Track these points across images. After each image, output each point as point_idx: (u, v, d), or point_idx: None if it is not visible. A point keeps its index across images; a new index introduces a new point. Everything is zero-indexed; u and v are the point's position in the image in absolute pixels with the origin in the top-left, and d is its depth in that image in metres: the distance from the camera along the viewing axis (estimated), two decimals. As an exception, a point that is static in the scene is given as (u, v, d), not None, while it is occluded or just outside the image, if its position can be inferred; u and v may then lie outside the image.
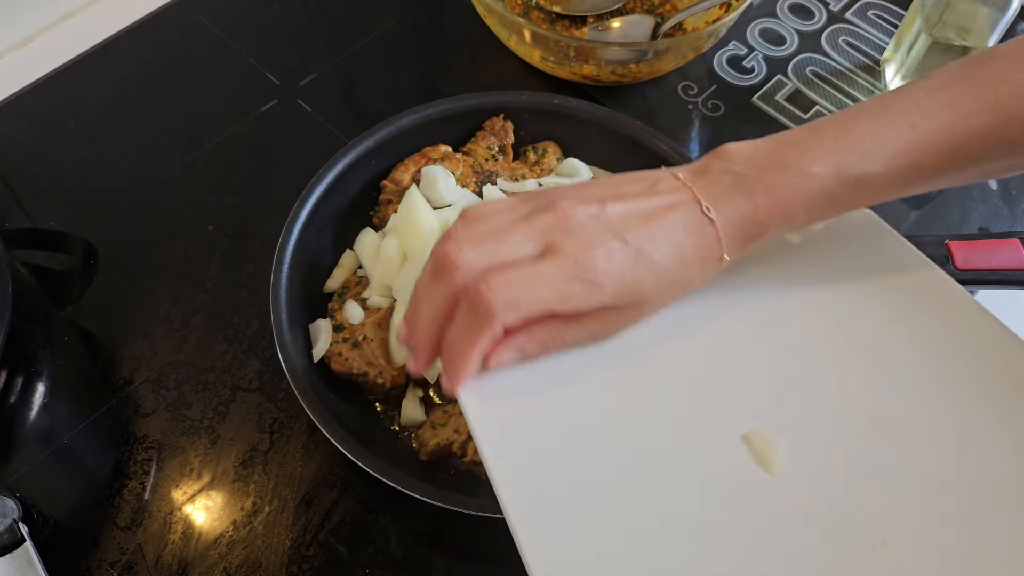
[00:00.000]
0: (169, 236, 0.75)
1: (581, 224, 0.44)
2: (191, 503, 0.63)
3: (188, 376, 0.68)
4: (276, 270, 0.65)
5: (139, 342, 0.70)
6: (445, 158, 0.73)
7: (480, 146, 0.75)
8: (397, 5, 0.92)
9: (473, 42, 0.88)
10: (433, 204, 0.69)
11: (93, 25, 0.89)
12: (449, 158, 0.73)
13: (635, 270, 0.44)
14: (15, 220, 0.76)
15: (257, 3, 0.91)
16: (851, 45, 0.91)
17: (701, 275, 0.47)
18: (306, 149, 0.81)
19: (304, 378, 0.62)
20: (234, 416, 0.67)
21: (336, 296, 0.69)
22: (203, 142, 0.81)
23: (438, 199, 0.69)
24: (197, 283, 0.73)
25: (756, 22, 0.93)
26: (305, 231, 0.68)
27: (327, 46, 0.89)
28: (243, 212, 0.77)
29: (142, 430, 0.66)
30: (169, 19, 0.90)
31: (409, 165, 0.73)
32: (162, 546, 0.61)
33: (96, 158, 0.80)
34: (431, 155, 0.73)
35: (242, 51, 0.87)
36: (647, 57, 0.78)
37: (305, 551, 0.62)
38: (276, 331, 0.63)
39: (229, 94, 0.85)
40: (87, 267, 0.74)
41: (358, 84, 0.87)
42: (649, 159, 0.72)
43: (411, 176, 0.72)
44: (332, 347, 0.65)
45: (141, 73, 0.86)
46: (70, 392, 0.68)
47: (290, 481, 0.64)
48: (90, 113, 0.83)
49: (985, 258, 0.65)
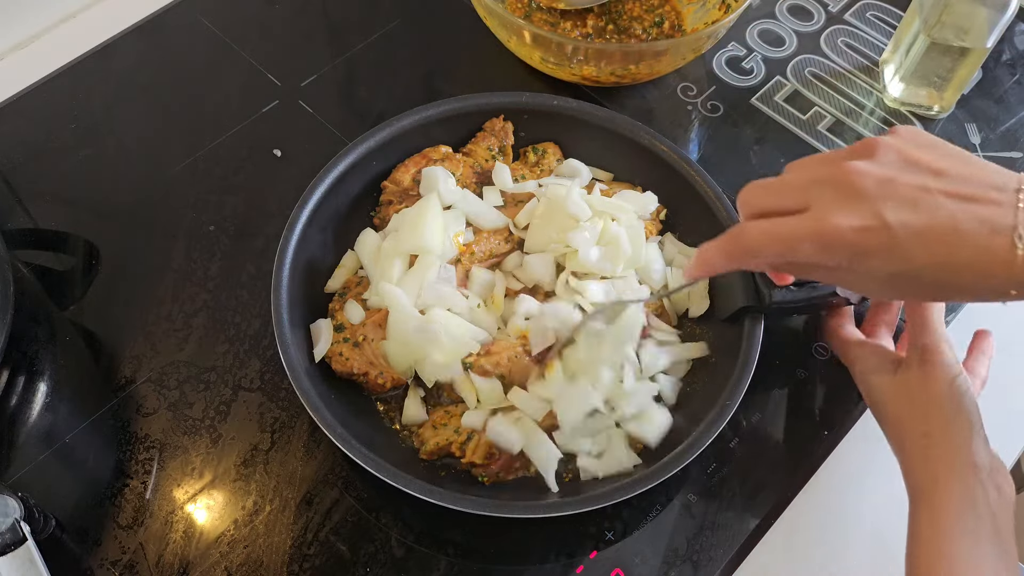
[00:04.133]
0: (170, 236, 0.76)
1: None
2: (192, 502, 0.63)
3: (189, 376, 0.69)
4: (277, 270, 0.65)
5: (140, 342, 0.70)
6: (446, 159, 0.73)
7: (480, 147, 0.75)
8: (398, 6, 0.92)
9: (474, 43, 0.89)
10: None
11: (94, 26, 0.89)
12: (449, 159, 0.73)
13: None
14: (17, 220, 0.76)
15: (258, 4, 0.92)
16: (850, 46, 0.91)
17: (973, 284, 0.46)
18: (307, 150, 0.81)
19: (305, 378, 0.62)
20: (235, 416, 0.67)
21: (337, 296, 0.69)
22: (204, 142, 0.81)
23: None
24: (198, 283, 0.73)
25: (755, 23, 0.93)
26: (306, 231, 0.68)
27: (328, 47, 0.89)
28: (244, 212, 0.77)
29: (143, 429, 0.66)
30: (170, 20, 0.90)
31: (409, 166, 0.73)
32: (163, 545, 0.62)
33: (98, 159, 0.80)
34: (432, 156, 0.73)
35: (243, 52, 0.88)
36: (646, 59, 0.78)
37: (306, 550, 0.62)
38: (277, 331, 0.63)
39: (230, 95, 0.85)
40: (89, 267, 0.74)
41: (359, 85, 0.87)
42: (649, 160, 0.73)
43: (411, 177, 0.72)
44: (333, 347, 0.65)
45: (142, 74, 0.86)
46: (72, 392, 0.68)
47: (291, 480, 0.64)
48: (92, 114, 0.83)
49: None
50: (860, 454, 0.67)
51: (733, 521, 0.64)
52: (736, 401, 0.61)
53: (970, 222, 0.45)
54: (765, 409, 0.69)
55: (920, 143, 0.48)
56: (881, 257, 0.46)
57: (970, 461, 0.54)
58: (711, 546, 0.63)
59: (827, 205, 0.46)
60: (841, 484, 0.67)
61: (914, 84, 0.83)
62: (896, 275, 0.46)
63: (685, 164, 0.72)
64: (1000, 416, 0.70)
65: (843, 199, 0.46)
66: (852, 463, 0.67)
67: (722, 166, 0.80)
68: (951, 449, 0.54)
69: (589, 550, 0.63)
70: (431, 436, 0.63)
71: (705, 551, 0.63)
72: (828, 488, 0.67)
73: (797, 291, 0.63)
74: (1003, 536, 0.52)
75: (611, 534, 0.63)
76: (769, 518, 0.65)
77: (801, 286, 0.63)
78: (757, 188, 0.50)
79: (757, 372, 0.63)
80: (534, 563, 0.62)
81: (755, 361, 0.63)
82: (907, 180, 0.46)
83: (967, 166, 0.47)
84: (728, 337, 0.66)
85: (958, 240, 0.45)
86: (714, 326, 0.68)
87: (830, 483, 0.67)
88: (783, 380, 0.70)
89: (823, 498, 0.66)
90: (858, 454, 0.67)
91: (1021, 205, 0.45)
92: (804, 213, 0.47)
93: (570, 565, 0.62)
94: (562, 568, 0.62)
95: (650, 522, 0.64)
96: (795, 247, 0.47)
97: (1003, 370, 0.72)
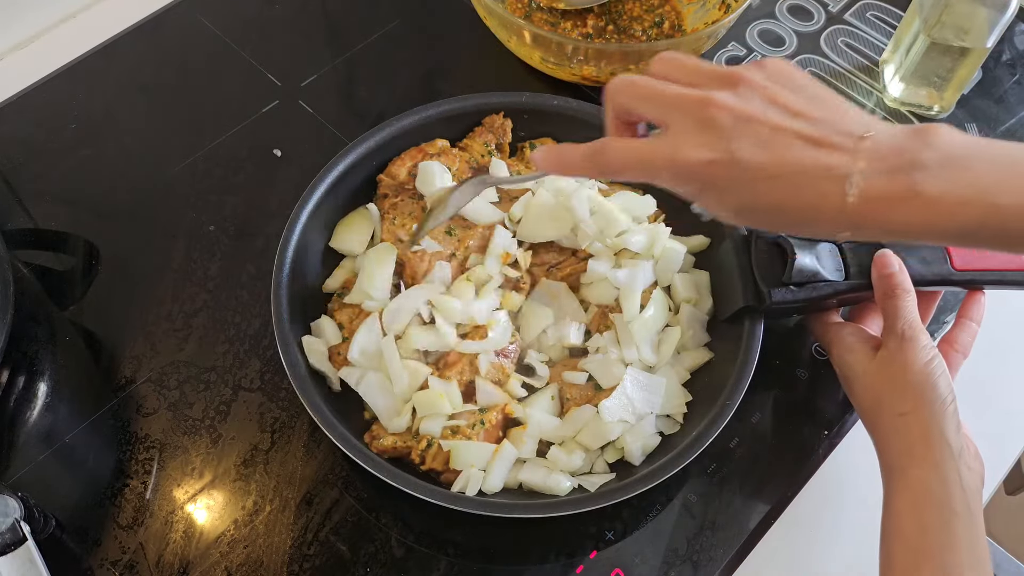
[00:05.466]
0: (170, 236, 0.76)
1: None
2: (192, 502, 0.63)
3: (189, 376, 0.69)
4: (277, 270, 0.65)
5: (140, 342, 0.70)
6: (442, 153, 0.73)
7: (477, 142, 0.75)
8: (398, 6, 0.92)
9: (473, 43, 0.89)
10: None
11: (94, 26, 0.89)
12: (446, 153, 0.73)
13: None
14: (17, 220, 0.76)
15: (258, 4, 0.92)
16: (850, 46, 0.91)
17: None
18: (307, 150, 0.81)
19: (305, 377, 0.62)
20: (235, 415, 0.67)
21: (336, 296, 0.69)
22: (204, 143, 0.81)
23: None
24: (198, 283, 0.73)
25: (755, 23, 0.93)
26: (306, 231, 0.68)
27: (328, 47, 0.89)
28: (244, 212, 0.77)
29: (143, 430, 0.66)
30: (170, 20, 0.90)
31: (406, 159, 0.73)
32: (163, 545, 0.62)
33: (98, 159, 0.80)
34: (428, 150, 0.73)
35: (243, 52, 0.88)
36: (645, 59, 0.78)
37: (306, 550, 0.62)
38: (277, 331, 0.63)
39: (230, 95, 0.85)
40: (89, 267, 0.74)
41: (359, 85, 0.87)
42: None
43: (407, 171, 0.72)
44: (332, 346, 0.65)
45: (142, 74, 0.86)
46: (72, 392, 0.68)
47: (291, 480, 0.64)
48: (92, 114, 0.83)
49: (983, 258, 0.65)
50: (860, 454, 0.67)
51: (733, 521, 0.64)
52: (736, 401, 0.61)
53: (813, 166, 0.46)
54: (765, 409, 0.69)
55: (785, 81, 0.49)
56: (728, 191, 0.48)
57: (944, 439, 0.56)
58: (711, 546, 0.63)
59: (683, 133, 0.48)
60: (841, 484, 0.67)
61: (914, 84, 0.83)
62: (742, 207, 0.49)
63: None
64: (1000, 416, 0.70)
65: (699, 130, 0.47)
66: (852, 463, 0.67)
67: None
68: (926, 428, 0.56)
69: (589, 550, 0.63)
70: (386, 433, 0.63)
71: (705, 551, 0.63)
72: (828, 488, 0.67)
73: (797, 291, 0.63)
74: (973, 511, 0.54)
75: (611, 534, 0.63)
76: (769, 518, 0.65)
77: (801, 286, 0.63)
78: (626, 86, 0.51)
79: (757, 372, 0.63)
80: (534, 563, 0.62)
81: (755, 361, 0.63)
82: (764, 119, 0.47)
83: (824, 109, 0.48)
84: (728, 337, 0.66)
85: (800, 182, 0.46)
86: (714, 326, 0.68)
87: (830, 483, 0.67)
88: (783, 380, 0.70)
89: (823, 498, 0.66)
90: (858, 454, 0.67)
91: (860, 153, 0.46)
92: (661, 138, 0.49)
93: (570, 565, 0.62)
94: (562, 568, 0.62)
95: (650, 522, 0.64)
96: (652, 173, 0.49)
97: (1003, 370, 0.72)
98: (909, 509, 0.55)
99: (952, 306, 0.73)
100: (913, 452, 0.56)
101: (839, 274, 0.64)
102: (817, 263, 0.63)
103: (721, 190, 0.48)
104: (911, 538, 0.54)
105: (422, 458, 0.61)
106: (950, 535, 0.53)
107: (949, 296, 0.73)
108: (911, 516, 0.55)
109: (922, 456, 0.56)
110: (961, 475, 0.55)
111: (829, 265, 0.64)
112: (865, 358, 0.62)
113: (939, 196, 0.45)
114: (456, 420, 0.62)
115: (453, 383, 0.63)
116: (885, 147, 0.46)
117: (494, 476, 0.60)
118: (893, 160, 0.45)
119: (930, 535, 0.53)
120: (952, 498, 0.54)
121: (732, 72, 0.49)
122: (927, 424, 0.57)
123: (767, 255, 0.64)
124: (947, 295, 0.72)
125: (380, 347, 0.64)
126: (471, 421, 0.62)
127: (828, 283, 0.64)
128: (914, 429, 0.57)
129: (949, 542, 0.53)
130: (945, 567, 0.52)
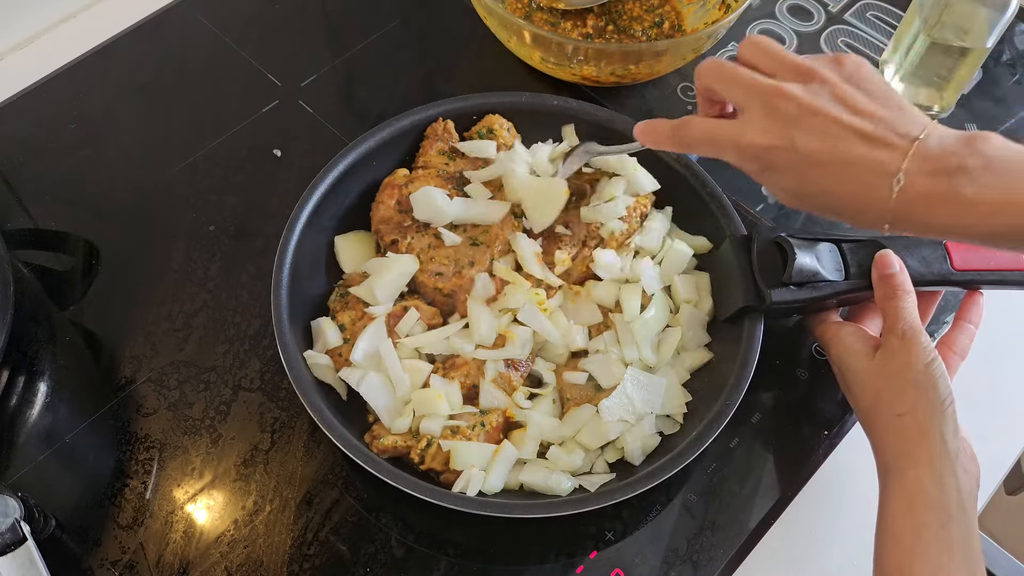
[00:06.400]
0: (170, 236, 0.76)
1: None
2: (192, 502, 0.63)
3: (189, 376, 0.69)
4: (277, 270, 0.65)
5: (140, 342, 0.70)
6: (414, 179, 0.71)
7: (432, 155, 0.73)
8: (398, 6, 0.92)
9: (473, 43, 0.89)
10: (439, 222, 0.68)
11: (94, 26, 0.89)
12: (417, 178, 0.71)
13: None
14: (17, 220, 0.76)
15: (258, 4, 0.92)
16: (850, 46, 0.91)
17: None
18: (307, 150, 0.81)
19: (305, 377, 0.62)
20: (235, 415, 0.67)
21: (337, 295, 0.69)
22: (204, 142, 0.81)
23: (440, 216, 0.68)
24: (198, 283, 0.73)
25: (755, 23, 0.93)
26: (306, 231, 0.68)
27: (328, 47, 0.89)
28: (244, 212, 0.77)
29: (143, 430, 0.66)
30: (170, 20, 0.90)
31: (386, 199, 0.71)
32: (163, 545, 0.62)
33: (97, 159, 0.80)
34: (398, 183, 0.71)
35: (243, 52, 0.88)
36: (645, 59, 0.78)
37: (306, 550, 0.62)
38: (277, 331, 0.63)
39: (230, 95, 0.85)
40: (89, 267, 0.74)
41: (359, 85, 0.87)
42: (648, 160, 0.73)
43: (395, 208, 0.70)
44: (332, 347, 0.65)
45: (142, 74, 0.86)
46: (72, 392, 0.68)
47: (291, 480, 0.64)
48: (91, 114, 0.83)
49: (982, 258, 0.65)
50: (860, 454, 0.67)
51: (733, 521, 0.64)
52: (736, 401, 0.61)
53: (861, 160, 0.50)
54: (765, 409, 0.69)
55: (857, 80, 0.52)
56: (784, 174, 0.53)
57: (942, 441, 0.56)
58: (711, 546, 0.63)
59: (752, 117, 0.53)
60: (841, 484, 0.67)
61: (914, 84, 0.83)
62: (795, 190, 0.53)
63: (685, 164, 0.72)
64: (1000, 416, 0.70)
65: (765, 117, 0.52)
66: (852, 463, 0.67)
67: (722, 166, 0.79)
68: (924, 429, 0.57)
69: (589, 550, 0.63)
70: (386, 433, 0.63)
71: (705, 551, 0.63)
72: (828, 488, 0.67)
73: (797, 291, 0.63)
74: (967, 513, 0.55)
75: (611, 534, 0.63)
76: (769, 518, 0.65)
77: (801, 286, 0.63)
78: (712, 69, 0.56)
79: (757, 372, 0.63)
80: (534, 563, 0.62)
81: (755, 361, 0.63)
82: (826, 112, 0.51)
83: (887, 109, 0.51)
84: (728, 337, 0.66)
85: (848, 174, 0.50)
86: (714, 326, 0.68)
87: (830, 483, 0.67)
88: (783, 380, 0.70)
89: (823, 498, 0.66)
90: (858, 454, 0.67)
91: (911, 153, 0.49)
92: (735, 120, 0.54)
93: (570, 565, 0.62)
94: (562, 568, 0.62)
95: (650, 522, 0.64)
96: (721, 151, 0.55)
97: (1002, 371, 0.72)
98: (904, 510, 0.55)
99: (952, 306, 0.73)
100: (910, 453, 0.57)
101: (839, 274, 0.64)
102: (817, 263, 0.63)
103: (778, 173, 0.53)
104: (905, 539, 0.54)
105: (421, 457, 0.61)
106: (944, 537, 0.53)
107: (949, 296, 0.73)
108: (906, 517, 0.55)
109: (919, 457, 0.56)
110: (957, 477, 0.55)
111: (829, 265, 0.64)
112: (864, 358, 0.62)
113: (976, 199, 0.47)
114: (457, 420, 0.62)
115: (455, 384, 0.63)
116: (934, 150, 0.49)
117: (494, 476, 0.60)
118: (938, 162, 0.48)
119: (924, 536, 0.54)
120: (947, 500, 0.54)
121: (809, 66, 0.53)
122: (925, 425, 0.57)
123: (767, 255, 0.64)
124: (947, 295, 0.72)
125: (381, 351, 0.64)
126: (472, 423, 0.62)
127: (828, 283, 0.64)
128: (912, 430, 0.57)
129: (943, 544, 0.53)
130: (938, 569, 0.52)
